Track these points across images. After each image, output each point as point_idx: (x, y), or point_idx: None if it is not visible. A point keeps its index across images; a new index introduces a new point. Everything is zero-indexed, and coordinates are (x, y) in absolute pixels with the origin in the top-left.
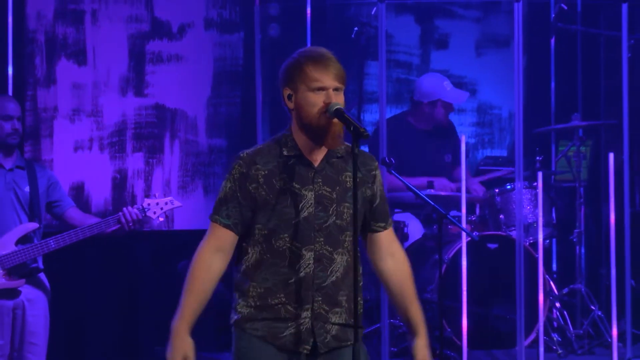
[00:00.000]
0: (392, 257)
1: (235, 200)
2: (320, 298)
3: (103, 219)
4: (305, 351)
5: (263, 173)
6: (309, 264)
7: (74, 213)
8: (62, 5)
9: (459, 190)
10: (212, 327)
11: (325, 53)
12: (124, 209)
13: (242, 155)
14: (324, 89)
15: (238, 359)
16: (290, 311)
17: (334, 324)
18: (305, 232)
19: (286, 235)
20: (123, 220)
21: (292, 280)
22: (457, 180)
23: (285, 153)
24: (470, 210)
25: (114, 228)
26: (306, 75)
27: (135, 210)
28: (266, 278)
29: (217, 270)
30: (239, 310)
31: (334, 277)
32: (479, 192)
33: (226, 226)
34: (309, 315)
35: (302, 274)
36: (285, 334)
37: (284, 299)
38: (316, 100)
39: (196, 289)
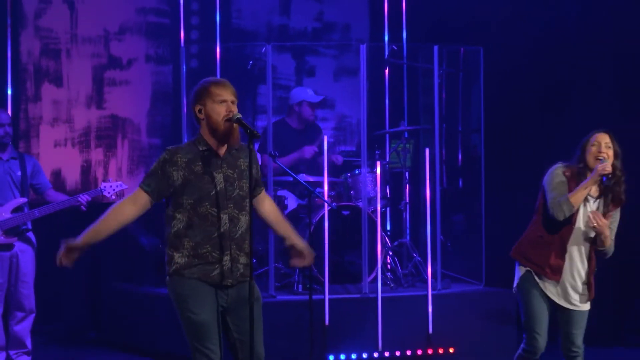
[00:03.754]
0: (265, 203)
1: (155, 176)
2: (234, 246)
3: (69, 197)
4: (228, 284)
5: (185, 160)
6: (225, 223)
7: (51, 192)
8: (46, 45)
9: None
10: (151, 270)
11: (223, 79)
12: (80, 195)
13: (168, 148)
14: (225, 101)
15: (182, 297)
16: (215, 257)
17: (242, 264)
18: (220, 201)
19: (207, 203)
20: (82, 201)
21: (215, 235)
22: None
23: (200, 148)
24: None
25: (75, 205)
26: (212, 93)
27: (86, 196)
28: (196, 235)
29: (126, 215)
30: (177, 261)
31: (240, 231)
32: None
33: (145, 191)
34: (229, 259)
35: (221, 230)
36: (213, 273)
37: (210, 249)
38: (220, 110)
39: (102, 223)
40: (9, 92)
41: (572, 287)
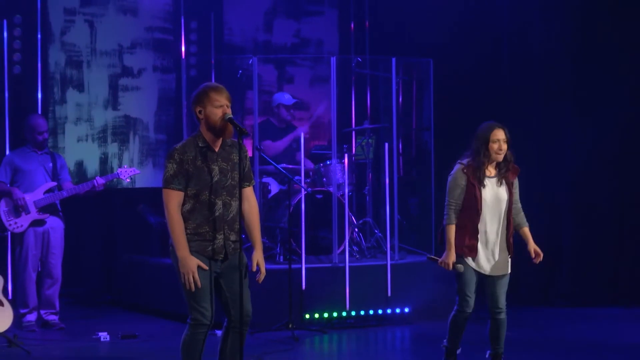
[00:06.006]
0: (248, 202)
1: (180, 174)
2: (226, 226)
3: (87, 182)
4: (220, 258)
5: (190, 157)
6: (220, 208)
7: (68, 185)
8: (70, 57)
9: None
10: (157, 242)
11: (220, 85)
12: (96, 178)
13: (177, 147)
14: (222, 105)
15: None
16: (211, 235)
17: (232, 241)
18: (217, 190)
19: (206, 192)
20: (99, 182)
21: (212, 218)
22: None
23: (199, 144)
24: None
25: (88, 188)
26: (211, 98)
27: (102, 179)
28: (197, 218)
29: (180, 216)
30: None
31: (232, 214)
32: (308, 165)
33: (180, 189)
34: (222, 237)
35: (217, 214)
36: (208, 249)
37: (207, 229)
38: (217, 112)
39: (182, 231)
40: (39, 96)
41: (492, 254)
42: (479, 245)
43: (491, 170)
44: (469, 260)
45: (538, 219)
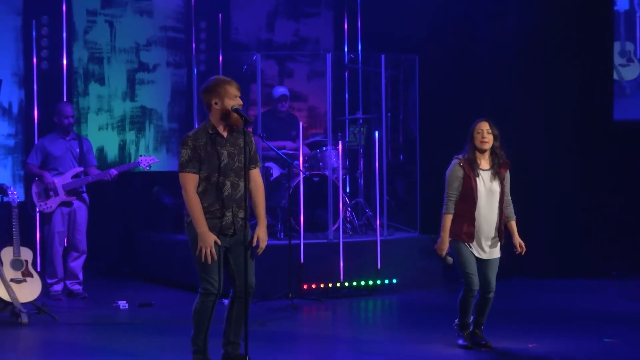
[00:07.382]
0: (254, 182)
1: (194, 159)
2: (235, 205)
3: (105, 171)
4: (230, 233)
5: (202, 143)
6: (228, 188)
7: (92, 169)
8: (92, 54)
9: (296, 149)
10: (171, 221)
11: (232, 80)
12: (110, 171)
13: (190, 135)
14: (236, 97)
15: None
16: (221, 212)
17: (241, 218)
18: (225, 172)
19: (216, 174)
20: (111, 173)
21: (221, 197)
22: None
23: (210, 132)
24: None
25: (105, 178)
26: (227, 91)
27: (115, 170)
28: (208, 197)
29: (197, 197)
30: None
31: (239, 194)
32: (306, 151)
33: (195, 172)
34: (231, 214)
35: (226, 194)
36: (218, 225)
37: (217, 207)
38: (232, 104)
39: (200, 210)
40: (65, 89)
41: (486, 240)
42: (475, 232)
43: (484, 163)
44: (467, 245)
45: (512, 196)
